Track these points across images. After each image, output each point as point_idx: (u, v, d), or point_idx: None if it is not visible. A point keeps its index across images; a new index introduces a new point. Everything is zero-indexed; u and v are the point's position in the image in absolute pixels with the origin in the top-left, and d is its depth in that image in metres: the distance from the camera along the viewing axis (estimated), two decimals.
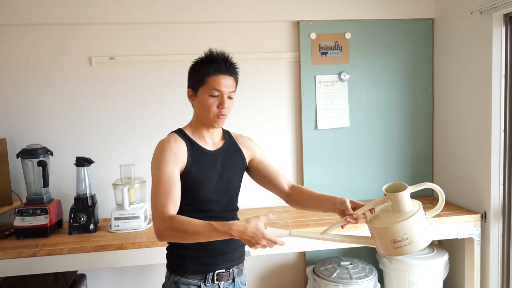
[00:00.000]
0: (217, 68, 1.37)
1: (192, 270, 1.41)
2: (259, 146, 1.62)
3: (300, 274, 2.80)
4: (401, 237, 1.14)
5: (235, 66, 1.43)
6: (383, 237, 1.18)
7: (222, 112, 1.39)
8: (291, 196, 1.52)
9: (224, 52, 1.42)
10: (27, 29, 2.44)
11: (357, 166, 2.76)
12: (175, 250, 1.43)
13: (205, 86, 1.38)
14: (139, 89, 2.56)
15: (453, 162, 2.61)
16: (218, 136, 1.51)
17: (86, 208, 2.24)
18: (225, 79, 1.38)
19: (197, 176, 1.38)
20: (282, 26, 2.65)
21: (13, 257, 1.99)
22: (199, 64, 1.41)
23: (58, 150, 2.47)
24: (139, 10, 2.46)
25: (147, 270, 2.64)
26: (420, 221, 1.16)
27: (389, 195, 1.20)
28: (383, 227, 1.17)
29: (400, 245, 1.15)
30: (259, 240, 1.15)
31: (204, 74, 1.38)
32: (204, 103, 1.39)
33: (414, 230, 1.15)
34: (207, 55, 1.41)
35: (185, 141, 1.42)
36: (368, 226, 1.26)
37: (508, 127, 2.25)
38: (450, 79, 2.61)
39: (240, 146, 1.55)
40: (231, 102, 1.42)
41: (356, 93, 2.71)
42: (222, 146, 1.50)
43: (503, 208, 2.28)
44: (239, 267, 1.50)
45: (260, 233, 1.15)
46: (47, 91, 2.49)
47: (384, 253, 1.21)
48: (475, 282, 2.35)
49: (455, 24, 2.52)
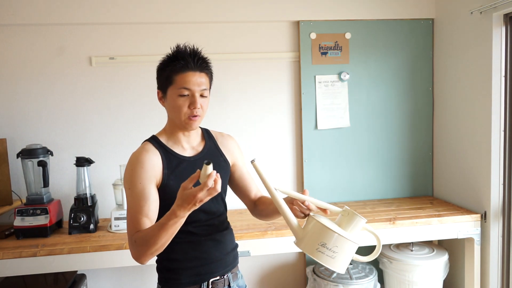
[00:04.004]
0: (184, 65, 1.25)
1: (186, 282, 1.33)
2: (240, 149, 1.52)
3: (300, 274, 2.80)
4: (331, 246, 1.11)
5: (206, 60, 1.31)
6: (316, 234, 1.14)
7: (195, 113, 1.27)
8: (257, 206, 1.47)
9: (192, 46, 1.30)
10: (27, 29, 2.44)
11: (357, 166, 2.76)
12: (166, 263, 1.36)
13: (173, 86, 1.27)
14: (139, 89, 2.56)
15: (453, 162, 2.61)
16: (196, 139, 1.40)
17: (86, 208, 2.24)
18: (194, 76, 1.26)
19: (176, 188, 1.16)
20: (282, 26, 2.65)
21: (13, 257, 1.99)
22: (165, 62, 1.30)
23: (58, 150, 2.47)
24: (139, 10, 2.47)
25: (147, 270, 2.64)
26: (353, 251, 1.15)
27: (350, 212, 1.17)
28: (326, 227, 1.12)
29: (324, 251, 1.12)
30: (195, 196, 1.06)
31: (170, 72, 1.27)
32: (174, 105, 1.27)
33: (345, 252, 1.13)
34: (173, 51, 1.30)
35: (160, 150, 1.31)
36: (309, 217, 1.21)
37: (508, 127, 2.25)
38: (450, 79, 2.61)
39: (221, 148, 1.44)
40: (205, 100, 1.30)
41: (356, 93, 2.71)
42: (202, 149, 1.39)
43: (503, 208, 2.28)
44: (233, 271, 1.44)
45: (189, 192, 1.07)
46: (47, 91, 2.49)
47: (302, 247, 1.17)
48: (475, 282, 2.35)
49: (455, 24, 2.52)
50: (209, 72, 1.33)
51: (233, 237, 1.48)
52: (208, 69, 1.32)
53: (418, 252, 2.49)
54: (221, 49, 2.59)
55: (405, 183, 2.82)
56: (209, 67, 1.33)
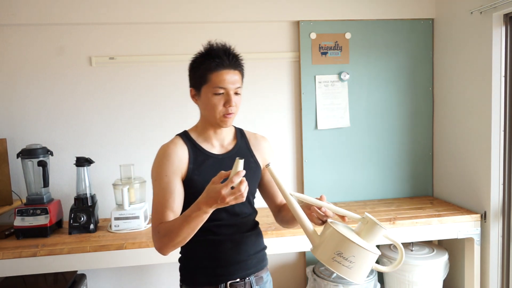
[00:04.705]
0: (219, 63, 1.25)
1: (203, 282, 1.33)
2: (273, 153, 1.49)
3: (300, 274, 2.80)
4: (348, 256, 1.07)
5: (239, 58, 1.31)
6: (332, 243, 1.10)
7: (230, 111, 1.27)
8: (280, 212, 1.45)
9: (225, 44, 1.30)
10: (27, 29, 2.44)
11: (357, 166, 2.76)
12: (186, 262, 1.38)
13: (208, 84, 1.26)
14: (139, 89, 2.56)
15: (453, 162, 2.61)
16: (228, 137, 1.40)
17: (86, 208, 2.24)
18: (229, 74, 1.26)
19: (200, 183, 1.24)
20: (282, 26, 2.64)
21: (13, 257, 1.99)
22: (198, 60, 1.29)
23: (58, 150, 2.47)
24: (139, 10, 2.46)
25: (147, 270, 2.64)
26: (372, 261, 1.11)
27: (370, 220, 1.12)
28: (342, 235, 1.08)
29: (340, 261, 1.07)
30: (219, 193, 1.05)
31: (205, 71, 1.26)
32: (208, 103, 1.27)
33: (363, 262, 1.08)
34: (206, 49, 1.29)
35: (188, 144, 1.33)
36: (326, 224, 1.16)
37: (508, 127, 2.25)
38: (450, 79, 2.61)
39: (253, 149, 1.42)
40: (238, 98, 1.30)
41: (356, 93, 2.71)
42: (232, 149, 1.38)
43: (503, 208, 2.28)
44: (257, 274, 1.38)
45: (214, 187, 1.06)
46: (47, 91, 2.49)
47: (318, 255, 1.13)
48: (475, 282, 2.35)
49: (455, 24, 2.52)
50: (242, 69, 1.32)
51: (260, 239, 1.43)
52: (241, 66, 1.32)
53: (418, 252, 2.49)
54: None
55: (405, 183, 2.82)
56: (242, 64, 1.32)
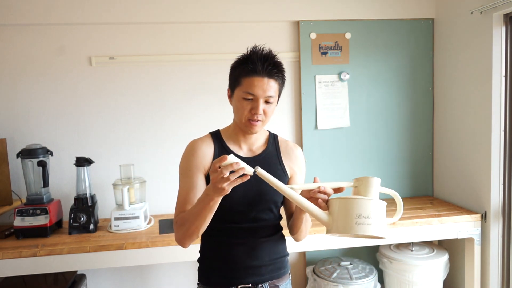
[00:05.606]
0: (253, 69, 1.24)
1: (214, 282, 1.34)
2: (303, 164, 1.47)
3: (300, 274, 2.80)
4: (367, 213, 1.11)
5: (278, 66, 1.28)
6: (348, 210, 1.13)
7: (255, 118, 1.26)
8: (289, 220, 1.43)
9: (266, 50, 1.28)
10: (27, 29, 2.44)
11: (357, 166, 2.76)
12: (202, 261, 1.39)
13: (239, 88, 1.27)
14: (139, 89, 2.55)
15: (453, 162, 2.61)
16: (258, 142, 1.39)
17: (86, 208, 2.24)
18: (260, 82, 1.24)
19: None
20: (282, 26, 2.64)
21: (13, 257, 1.99)
22: (237, 63, 1.30)
23: (58, 150, 2.47)
24: (139, 10, 2.46)
25: (147, 270, 2.64)
26: (384, 211, 1.16)
27: (362, 178, 1.18)
28: (353, 198, 1.13)
29: (364, 222, 1.11)
30: (219, 174, 1.05)
31: (239, 74, 1.27)
32: (237, 105, 1.29)
33: (379, 214, 1.13)
34: (247, 53, 1.28)
35: (216, 143, 1.34)
36: (330, 201, 1.19)
37: (508, 127, 2.25)
38: (450, 79, 2.61)
39: (282, 157, 1.40)
40: (269, 106, 1.28)
41: (356, 93, 2.71)
42: (260, 153, 1.37)
43: (503, 208, 2.28)
44: (273, 283, 1.35)
45: (214, 170, 1.07)
46: (47, 91, 2.49)
47: (339, 230, 1.14)
48: (475, 282, 2.35)
49: (455, 24, 2.52)
50: (279, 78, 1.29)
51: (280, 246, 1.40)
52: (279, 75, 1.29)
53: (418, 252, 2.49)
54: (221, 49, 2.59)
55: (405, 183, 2.82)
56: (281, 73, 1.30)
